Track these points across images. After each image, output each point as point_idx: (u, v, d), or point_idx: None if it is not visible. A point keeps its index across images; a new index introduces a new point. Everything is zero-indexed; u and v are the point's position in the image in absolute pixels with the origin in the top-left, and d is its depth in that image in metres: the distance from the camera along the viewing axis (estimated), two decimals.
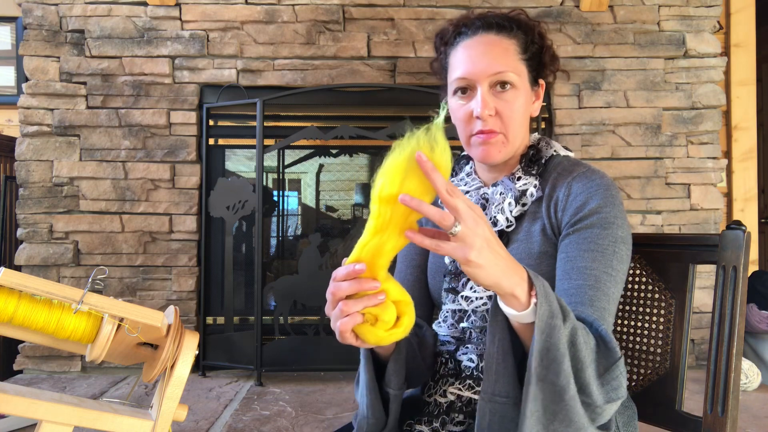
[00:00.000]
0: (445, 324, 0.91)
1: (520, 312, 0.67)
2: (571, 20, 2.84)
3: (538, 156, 0.91)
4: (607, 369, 0.71)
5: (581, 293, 0.77)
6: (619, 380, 0.71)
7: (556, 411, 0.67)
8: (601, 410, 0.70)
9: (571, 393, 0.66)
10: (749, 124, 3.08)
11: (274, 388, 2.52)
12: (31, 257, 2.75)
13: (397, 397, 0.82)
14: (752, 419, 2.14)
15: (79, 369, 2.76)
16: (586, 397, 0.68)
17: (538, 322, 0.65)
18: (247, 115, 2.91)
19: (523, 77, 0.87)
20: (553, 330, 0.66)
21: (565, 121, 2.83)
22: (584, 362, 0.68)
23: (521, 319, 0.69)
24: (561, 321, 0.66)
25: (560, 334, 0.66)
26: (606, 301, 0.77)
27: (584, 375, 0.68)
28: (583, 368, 0.68)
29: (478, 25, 0.88)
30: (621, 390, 0.71)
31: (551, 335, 0.65)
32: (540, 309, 0.65)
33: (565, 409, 0.67)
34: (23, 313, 0.65)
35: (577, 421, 0.68)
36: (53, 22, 2.80)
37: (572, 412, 0.67)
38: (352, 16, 2.83)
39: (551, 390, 0.67)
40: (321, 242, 2.87)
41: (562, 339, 0.66)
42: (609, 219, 0.81)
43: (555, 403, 0.67)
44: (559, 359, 0.66)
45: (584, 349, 0.68)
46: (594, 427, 0.71)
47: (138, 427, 0.67)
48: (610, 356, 0.72)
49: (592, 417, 0.70)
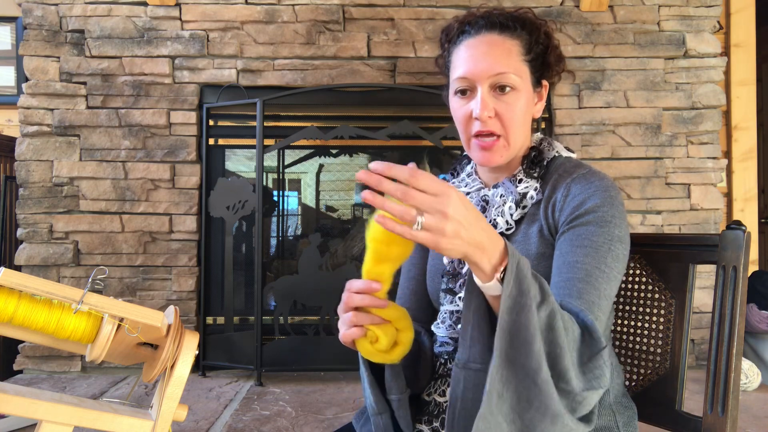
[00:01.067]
0: (443, 325, 0.91)
1: (484, 284, 0.67)
2: (571, 20, 2.84)
3: (540, 157, 0.91)
4: (590, 358, 0.70)
5: (570, 285, 0.76)
6: (602, 369, 0.70)
7: (531, 397, 0.65)
8: (581, 398, 0.68)
9: (544, 376, 0.64)
10: (749, 124, 3.08)
11: (274, 388, 2.52)
12: (31, 257, 2.75)
13: (402, 401, 0.82)
14: (752, 419, 2.14)
15: (79, 369, 2.76)
16: (565, 384, 0.67)
17: (503, 299, 0.63)
18: (247, 115, 2.91)
19: (525, 79, 0.87)
20: (522, 309, 0.63)
21: (565, 121, 2.83)
22: (563, 348, 0.66)
23: (487, 291, 0.68)
24: (534, 302, 0.64)
25: (530, 315, 0.63)
26: (596, 296, 0.76)
27: (563, 361, 0.66)
28: (562, 354, 0.66)
29: (481, 24, 0.87)
30: (603, 379, 0.70)
31: (520, 314, 0.63)
32: (507, 287, 0.63)
33: (540, 395, 0.65)
34: (23, 313, 0.65)
35: (554, 407, 0.65)
36: (53, 22, 2.80)
37: (547, 398, 0.65)
38: (352, 16, 2.83)
39: (523, 373, 0.64)
40: (321, 242, 2.87)
41: (533, 320, 0.64)
42: (606, 218, 0.80)
43: (528, 389, 0.65)
44: (529, 340, 0.64)
45: (563, 335, 0.66)
46: (574, 417, 0.69)
47: (138, 427, 0.67)
48: (594, 346, 0.70)
49: (572, 406, 0.68)
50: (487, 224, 0.65)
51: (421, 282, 1.01)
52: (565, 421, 0.66)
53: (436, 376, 0.91)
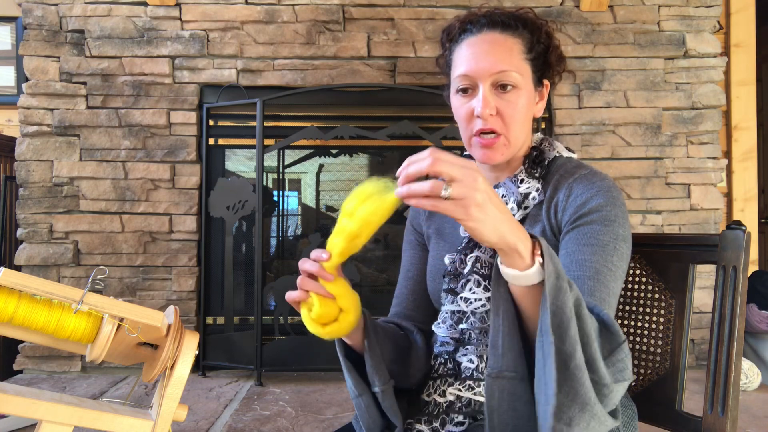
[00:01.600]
0: (444, 325, 0.91)
1: (524, 272, 0.65)
2: (571, 20, 2.84)
3: (541, 158, 0.91)
4: (611, 352, 0.69)
5: (580, 284, 0.76)
6: (624, 362, 0.69)
7: (561, 381, 0.63)
8: (609, 390, 0.66)
9: (576, 362, 0.63)
10: (749, 124, 3.08)
11: (274, 388, 2.52)
12: (31, 257, 2.75)
13: (386, 393, 0.82)
14: (752, 419, 2.14)
15: (79, 369, 2.76)
16: (593, 374, 0.65)
17: (548, 277, 0.62)
18: (247, 115, 2.91)
19: (527, 77, 0.87)
20: (560, 292, 0.62)
21: (565, 121, 2.83)
22: (590, 336, 0.64)
23: (525, 280, 0.65)
24: (567, 285, 0.63)
25: (567, 297, 0.62)
26: (606, 293, 0.76)
27: (590, 350, 0.64)
28: (589, 342, 0.64)
29: (483, 22, 0.87)
30: (626, 372, 0.69)
31: (557, 297, 0.62)
32: (547, 268, 0.62)
33: (570, 379, 0.63)
34: (23, 313, 0.65)
35: (583, 394, 0.63)
36: (53, 22, 2.80)
37: (578, 384, 0.63)
38: (352, 16, 2.83)
39: (558, 357, 0.63)
40: (321, 242, 2.87)
41: (569, 303, 0.62)
42: (610, 217, 0.80)
43: (559, 371, 0.63)
44: (565, 323, 0.62)
45: (590, 324, 0.65)
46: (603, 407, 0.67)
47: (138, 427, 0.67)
48: (613, 339, 0.70)
49: (601, 398, 0.66)
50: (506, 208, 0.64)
51: (419, 282, 1.01)
52: (594, 410, 0.64)
53: (435, 375, 0.91)
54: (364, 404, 0.84)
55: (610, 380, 0.66)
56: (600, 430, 0.67)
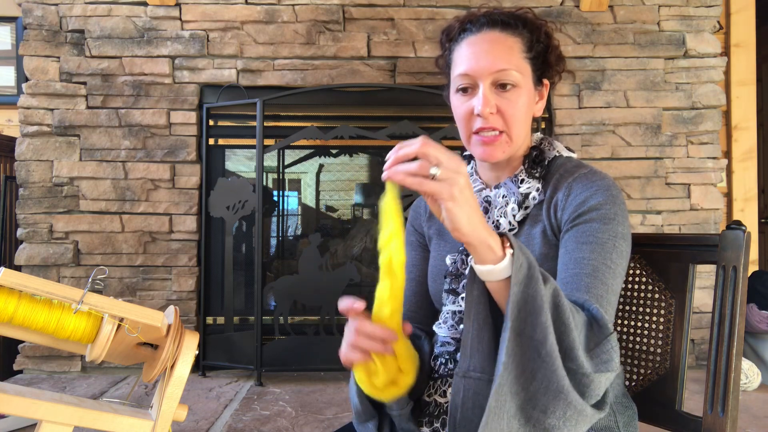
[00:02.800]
0: (445, 325, 0.91)
1: (497, 265, 0.67)
2: (571, 20, 2.84)
3: (541, 157, 0.91)
4: (597, 344, 0.70)
5: (577, 280, 0.77)
6: (610, 354, 0.70)
7: (535, 369, 0.65)
8: (590, 380, 0.68)
9: (548, 349, 0.64)
10: (749, 124, 3.08)
11: (274, 388, 2.52)
12: (31, 257, 2.75)
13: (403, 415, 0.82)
14: (752, 419, 2.14)
15: (79, 369, 2.76)
16: (571, 363, 0.67)
17: (514, 272, 0.65)
18: (247, 115, 2.91)
19: (527, 76, 0.87)
20: (530, 280, 0.65)
21: (565, 121, 2.83)
22: (568, 326, 0.66)
23: (499, 274, 0.67)
24: (540, 276, 0.66)
25: (538, 286, 0.65)
26: (603, 290, 0.76)
27: (568, 339, 0.66)
28: (567, 332, 0.66)
29: (483, 22, 0.87)
30: (612, 363, 0.70)
31: (528, 285, 0.65)
32: (516, 260, 0.65)
33: (543, 368, 0.65)
34: (23, 313, 0.65)
35: (557, 382, 0.65)
36: (53, 22, 2.80)
37: (550, 372, 0.65)
38: (352, 16, 2.83)
39: (528, 345, 0.65)
40: (321, 242, 2.87)
41: (540, 291, 0.65)
42: (609, 215, 0.81)
43: (532, 360, 0.65)
44: (536, 311, 0.65)
45: (570, 315, 0.67)
46: (585, 400, 0.68)
47: (138, 427, 0.67)
48: (600, 333, 0.71)
49: (580, 388, 0.67)
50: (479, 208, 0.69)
51: (422, 283, 1.00)
52: (569, 398, 0.66)
53: (436, 376, 0.91)
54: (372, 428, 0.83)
55: (590, 370, 0.68)
56: (579, 420, 0.68)
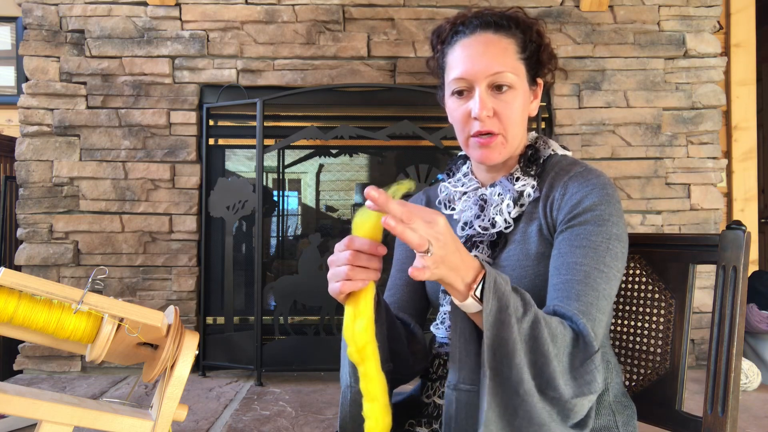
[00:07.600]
0: (443, 326, 0.91)
1: (461, 303, 0.68)
2: (571, 20, 2.84)
3: (537, 156, 0.91)
4: (582, 362, 0.71)
5: (568, 288, 0.77)
6: (593, 374, 0.71)
7: (516, 406, 0.67)
8: (572, 405, 0.69)
9: (526, 387, 0.66)
10: (749, 124, 3.08)
11: (274, 388, 2.52)
12: (31, 257, 2.75)
13: None
14: (752, 419, 2.14)
15: (79, 369, 2.76)
16: (553, 392, 0.68)
17: (485, 316, 0.66)
18: (247, 115, 2.91)
19: (522, 77, 0.87)
20: (503, 325, 0.66)
21: (565, 121, 2.83)
22: (548, 357, 0.68)
23: (467, 309, 0.69)
24: (515, 316, 0.67)
25: (511, 330, 0.66)
26: (594, 297, 0.76)
27: (548, 369, 0.68)
28: (547, 363, 0.68)
29: (475, 23, 0.87)
30: (594, 384, 0.71)
31: (501, 329, 0.66)
32: (487, 305, 0.66)
33: (523, 405, 0.67)
34: (23, 313, 0.65)
35: (538, 416, 0.67)
36: (53, 22, 2.80)
37: (531, 408, 0.67)
38: (352, 16, 2.83)
39: (506, 384, 0.67)
40: (321, 242, 2.87)
41: (513, 334, 0.66)
42: (604, 216, 0.81)
43: (511, 398, 0.67)
44: (510, 353, 0.66)
45: (548, 344, 0.68)
46: (565, 425, 0.70)
47: (138, 427, 0.67)
48: (586, 350, 0.72)
49: (564, 414, 0.69)
50: (461, 245, 0.68)
51: None
52: (551, 429, 0.68)
53: (434, 377, 0.91)
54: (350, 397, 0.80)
55: (570, 396, 0.69)
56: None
